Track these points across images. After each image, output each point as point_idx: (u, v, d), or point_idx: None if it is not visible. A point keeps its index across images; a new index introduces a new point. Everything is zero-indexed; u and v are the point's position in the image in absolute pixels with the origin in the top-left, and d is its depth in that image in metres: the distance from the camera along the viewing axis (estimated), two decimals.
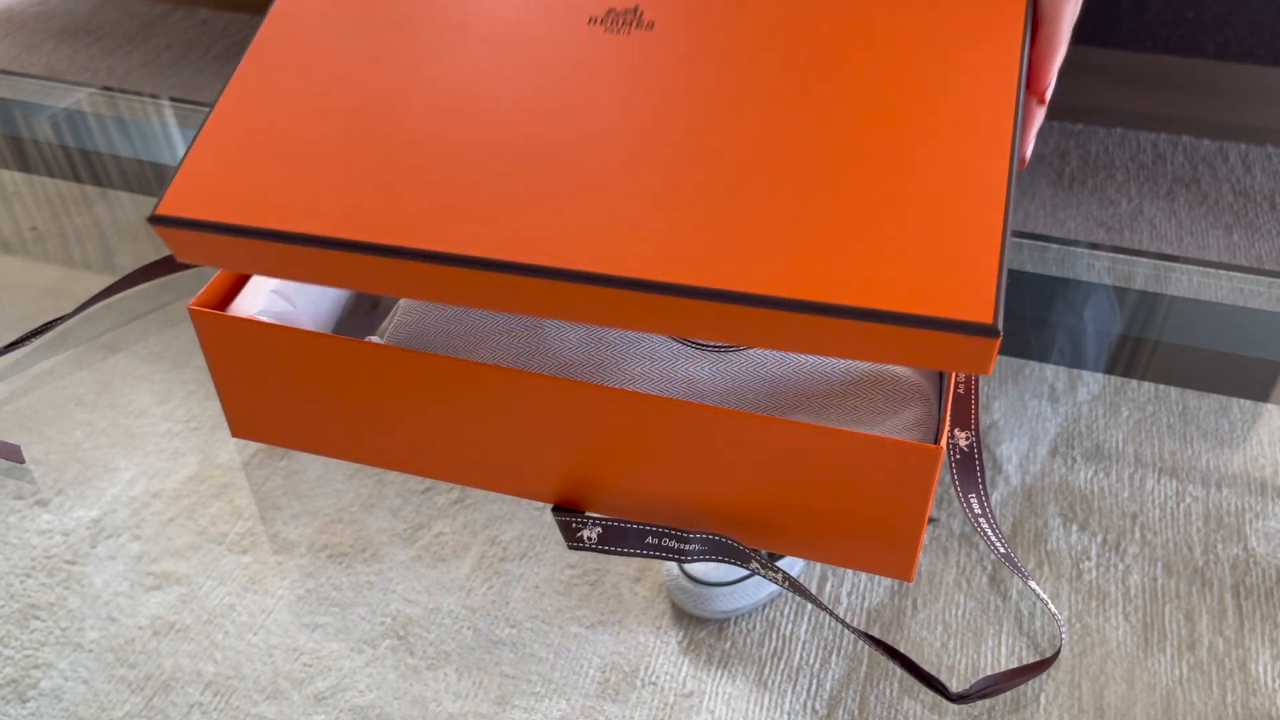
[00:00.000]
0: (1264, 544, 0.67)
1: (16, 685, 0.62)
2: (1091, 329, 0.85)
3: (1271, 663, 0.61)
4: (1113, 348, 0.84)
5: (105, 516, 0.71)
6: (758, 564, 0.57)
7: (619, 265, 0.44)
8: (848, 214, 0.44)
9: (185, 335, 0.83)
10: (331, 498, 0.71)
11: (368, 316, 0.69)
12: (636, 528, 0.58)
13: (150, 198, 0.98)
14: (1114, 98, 1.95)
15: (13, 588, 0.67)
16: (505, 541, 0.68)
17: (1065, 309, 0.87)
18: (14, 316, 0.84)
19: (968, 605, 0.64)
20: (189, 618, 0.65)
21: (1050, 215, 1.78)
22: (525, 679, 0.61)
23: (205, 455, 0.74)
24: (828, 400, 0.58)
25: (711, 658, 0.62)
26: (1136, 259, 0.90)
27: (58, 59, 2.26)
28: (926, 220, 0.43)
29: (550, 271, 0.45)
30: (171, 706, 0.60)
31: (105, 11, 2.42)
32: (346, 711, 0.60)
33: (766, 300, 0.43)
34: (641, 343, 0.58)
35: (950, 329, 0.41)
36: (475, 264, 0.46)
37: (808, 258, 0.43)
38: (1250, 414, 0.76)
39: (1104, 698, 0.60)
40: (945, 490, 0.69)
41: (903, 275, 0.42)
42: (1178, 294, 0.86)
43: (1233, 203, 1.79)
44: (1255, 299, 0.86)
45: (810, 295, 0.42)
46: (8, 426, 0.76)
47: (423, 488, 0.72)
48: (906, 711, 0.59)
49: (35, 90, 1.16)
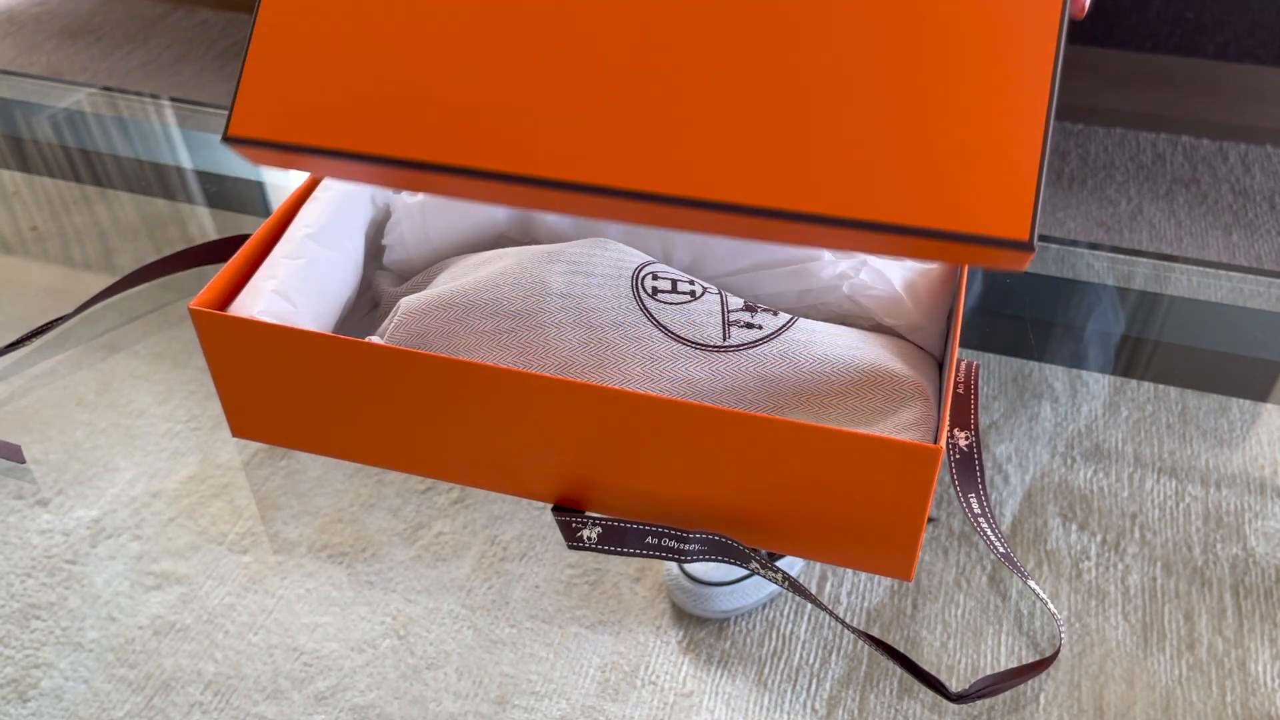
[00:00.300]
0: (1263, 544, 0.67)
1: (17, 685, 0.62)
2: (1095, 331, 0.85)
3: (1271, 662, 0.61)
4: (1113, 348, 0.84)
5: (105, 516, 0.71)
6: (757, 564, 0.57)
7: (676, 184, 0.46)
8: (887, 125, 0.44)
9: (185, 335, 0.83)
10: (331, 498, 0.71)
11: (368, 316, 0.69)
12: (636, 527, 0.58)
13: (151, 198, 0.98)
14: (1114, 98, 1.95)
15: (13, 587, 0.67)
16: (505, 541, 0.69)
17: (1065, 309, 0.87)
18: (14, 316, 0.84)
19: (967, 605, 0.64)
20: (189, 617, 0.65)
21: (1050, 215, 1.78)
22: (525, 679, 0.61)
23: (205, 455, 0.74)
24: (827, 400, 0.58)
25: (711, 657, 0.62)
26: (1136, 259, 0.90)
27: (58, 59, 2.26)
28: (966, 132, 0.44)
29: (619, 192, 0.46)
30: (172, 706, 0.60)
31: (105, 11, 2.42)
32: (347, 711, 0.60)
33: (808, 217, 0.44)
34: (641, 343, 0.59)
35: (987, 244, 0.43)
36: (527, 181, 0.48)
37: (846, 171, 0.44)
38: (1250, 414, 0.77)
39: (1103, 697, 0.60)
40: (945, 490, 0.69)
41: (942, 189, 0.43)
42: (1177, 294, 0.86)
43: (1232, 203, 1.79)
44: (1255, 299, 0.86)
45: (847, 212, 0.44)
46: (8, 426, 0.76)
47: (423, 488, 0.72)
48: (906, 711, 0.59)
49: (35, 90, 1.16)
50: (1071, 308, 0.87)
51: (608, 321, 0.59)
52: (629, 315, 0.59)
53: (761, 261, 0.64)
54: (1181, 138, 1.93)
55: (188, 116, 1.12)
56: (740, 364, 0.58)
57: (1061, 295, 0.87)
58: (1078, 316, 0.86)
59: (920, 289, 0.62)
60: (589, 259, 0.62)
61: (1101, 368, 0.81)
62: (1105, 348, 0.84)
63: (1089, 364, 0.81)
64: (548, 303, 0.59)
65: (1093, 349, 0.83)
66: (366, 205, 0.68)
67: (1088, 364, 0.81)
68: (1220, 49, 1.87)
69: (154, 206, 0.97)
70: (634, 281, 0.61)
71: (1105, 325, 0.86)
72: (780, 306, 0.64)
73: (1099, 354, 0.83)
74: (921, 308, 0.62)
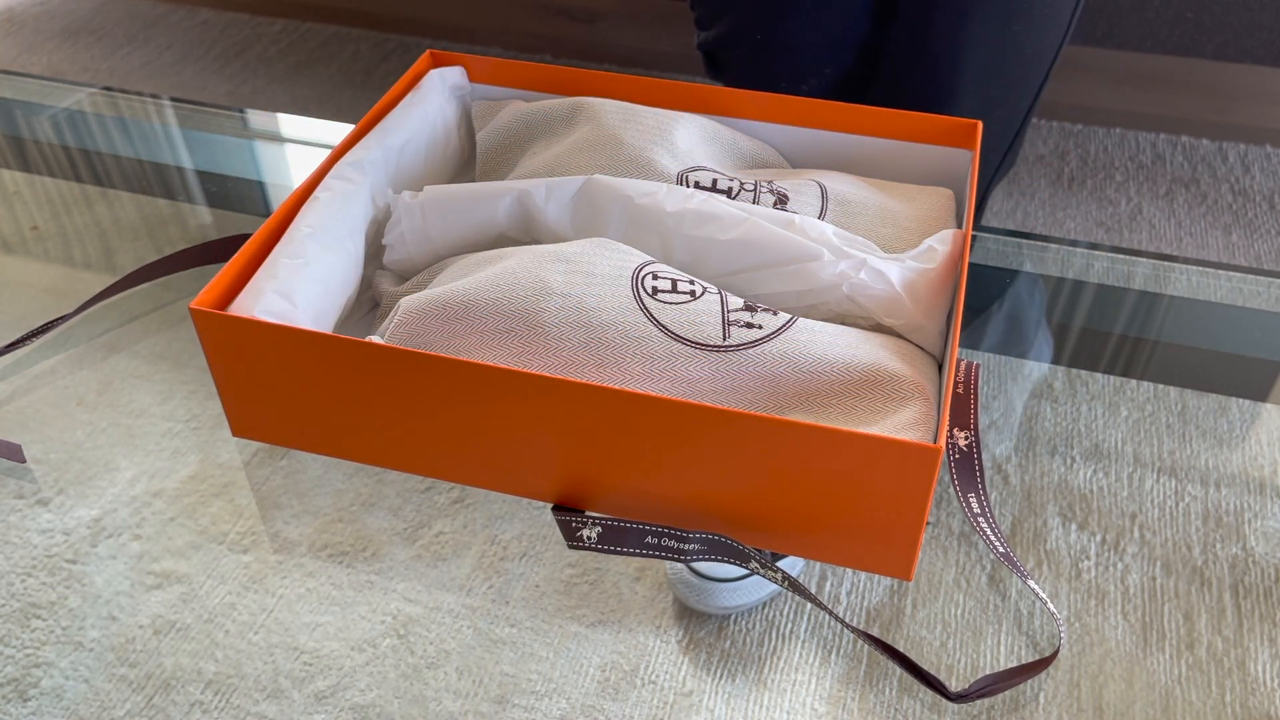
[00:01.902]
0: (1263, 544, 0.68)
1: (17, 684, 0.62)
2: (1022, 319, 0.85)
3: (1270, 662, 0.61)
4: (1112, 347, 0.84)
5: (106, 516, 0.71)
6: (757, 564, 0.57)
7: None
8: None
9: (185, 335, 0.83)
10: (331, 497, 0.71)
11: (368, 316, 0.69)
12: (636, 527, 0.58)
13: (151, 198, 0.98)
14: (1114, 98, 1.95)
15: (13, 587, 0.67)
16: (505, 541, 0.69)
17: (1065, 309, 0.87)
18: (14, 316, 0.84)
19: (967, 605, 0.64)
20: (190, 617, 0.65)
21: (1050, 215, 1.78)
22: (525, 678, 0.61)
23: (206, 455, 0.74)
24: (828, 400, 0.58)
25: (711, 657, 0.63)
26: (1136, 259, 0.90)
27: (59, 59, 2.26)
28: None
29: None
30: (172, 705, 0.60)
31: (106, 12, 2.43)
32: (347, 710, 0.60)
33: None
34: (641, 343, 0.59)
35: None
36: None
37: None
38: (1249, 414, 0.77)
39: (1103, 697, 0.60)
40: (945, 490, 0.69)
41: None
42: (1177, 294, 0.86)
43: (1231, 203, 1.79)
44: (1254, 299, 0.86)
45: None
46: (8, 426, 0.76)
47: (423, 487, 0.72)
48: (906, 711, 0.59)
49: (36, 90, 1.16)
50: (1072, 307, 0.87)
51: (608, 321, 0.59)
52: (629, 315, 0.59)
53: (761, 261, 0.64)
54: (1181, 138, 1.93)
55: (188, 116, 1.12)
56: (740, 364, 0.58)
57: (1062, 295, 0.87)
58: (1064, 315, 0.86)
59: (920, 289, 0.62)
60: (589, 259, 0.62)
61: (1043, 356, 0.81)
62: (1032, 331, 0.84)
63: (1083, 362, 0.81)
64: (548, 303, 0.59)
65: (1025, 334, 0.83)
66: (366, 205, 0.69)
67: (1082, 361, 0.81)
68: (1220, 49, 1.87)
69: (154, 206, 0.97)
70: (634, 281, 0.61)
71: (1027, 312, 0.86)
72: (780, 306, 0.64)
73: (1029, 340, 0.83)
74: (921, 308, 0.62)
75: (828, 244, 0.64)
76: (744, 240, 0.64)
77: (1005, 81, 0.96)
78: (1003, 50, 0.93)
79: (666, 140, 0.71)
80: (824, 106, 0.74)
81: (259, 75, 2.19)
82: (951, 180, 0.74)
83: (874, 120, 0.74)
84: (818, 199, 0.70)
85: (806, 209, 0.69)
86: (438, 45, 2.23)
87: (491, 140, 0.77)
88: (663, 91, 0.76)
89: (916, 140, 0.74)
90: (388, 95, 0.76)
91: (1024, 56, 0.94)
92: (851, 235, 0.65)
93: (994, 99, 0.96)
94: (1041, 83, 0.97)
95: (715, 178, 0.69)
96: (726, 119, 0.76)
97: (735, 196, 0.68)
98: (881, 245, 0.67)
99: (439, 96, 0.77)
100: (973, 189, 0.67)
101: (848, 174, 0.74)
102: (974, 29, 0.92)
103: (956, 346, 0.58)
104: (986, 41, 0.93)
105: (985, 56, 0.93)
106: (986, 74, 0.94)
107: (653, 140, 0.71)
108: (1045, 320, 0.85)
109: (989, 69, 0.94)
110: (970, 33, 0.92)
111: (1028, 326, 0.85)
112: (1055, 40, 0.95)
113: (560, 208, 0.67)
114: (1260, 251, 1.69)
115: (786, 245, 0.63)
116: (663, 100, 0.76)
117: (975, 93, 0.95)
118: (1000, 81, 0.96)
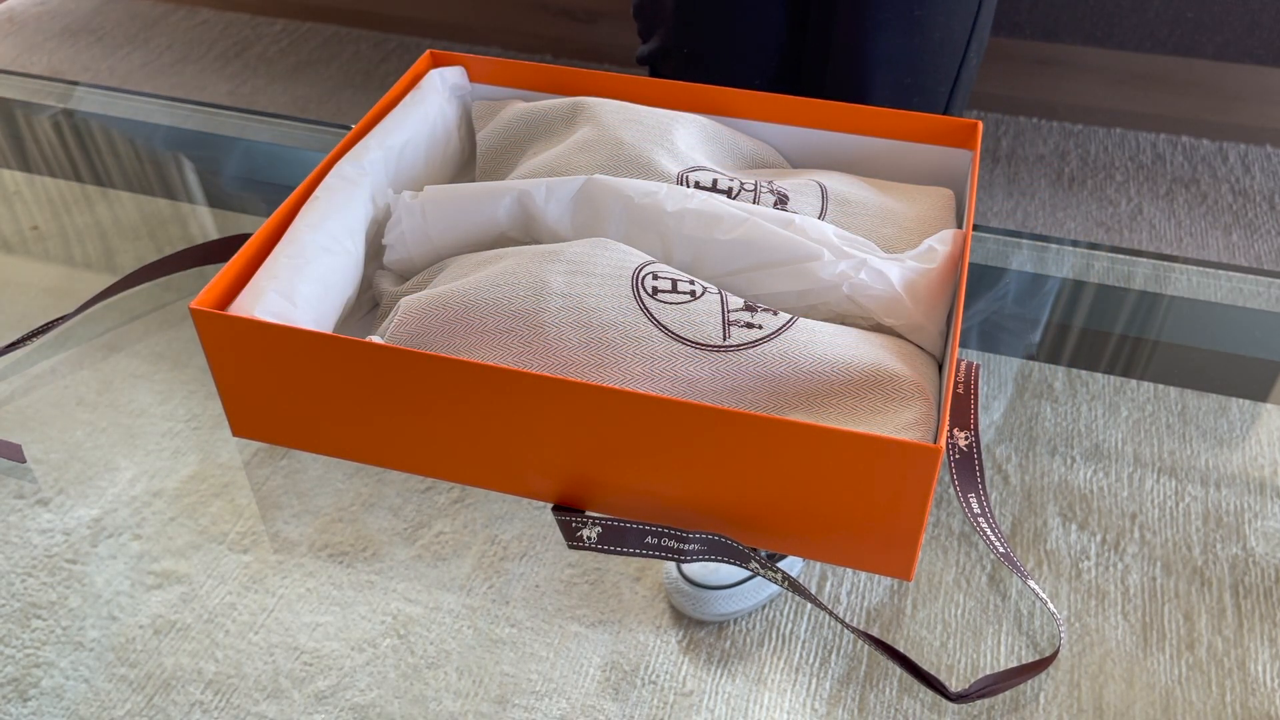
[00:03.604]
0: (1263, 544, 0.68)
1: (18, 684, 0.62)
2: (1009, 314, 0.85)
3: (1270, 662, 0.61)
4: (1112, 347, 0.84)
5: (106, 516, 0.71)
6: (757, 564, 0.57)
7: None
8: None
9: (185, 335, 0.83)
10: (331, 497, 0.71)
11: (368, 316, 0.69)
12: (636, 527, 0.58)
13: (151, 197, 0.98)
14: (1114, 98, 1.95)
15: (14, 587, 0.67)
16: (505, 541, 0.69)
17: (1066, 309, 0.87)
18: (14, 316, 0.84)
19: (967, 605, 0.64)
20: (190, 617, 0.65)
21: (1050, 215, 1.78)
22: (525, 678, 0.61)
23: (206, 454, 0.74)
24: (828, 400, 0.58)
25: (711, 657, 0.63)
26: (1136, 259, 0.90)
27: (59, 59, 2.26)
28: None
29: None
30: (172, 705, 0.61)
31: (106, 11, 2.42)
32: (347, 710, 0.60)
33: None
34: (642, 343, 0.59)
35: None
36: None
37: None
38: (1249, 414, 0.77)
39: (1103, 697, 0.60)
40: (945, 490, 0.69)
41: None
42: (1177, 294, 0.86)
43: (1232, 203, 1.79)
44: (1254, 299, 0.86)
45: None
46: (8, 426, 0.76)
47: (423, 487, 0.72)
48: (906, 711, 0.59)
49: (36, 90, 1.16)
50: (1072, 307, 0.87)
51: (608, 321, 0.59)
52: (629, 315, 0.59)
53: (761, 261, 0.64)
54: (1181, 138, 1.93)
55: (188, 116, 1.12)
56: (740, 364, 0.58)
57: (1063, 295, 0.87)
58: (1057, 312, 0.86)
59: (920, 289, 0.62)
60: (589, 259, 0.62)
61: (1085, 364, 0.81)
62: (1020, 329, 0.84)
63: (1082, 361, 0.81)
64: (548, 303, 0.59)
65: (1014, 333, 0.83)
66: (367, 205, 0.69)
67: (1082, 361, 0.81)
68: (1220, 49, 1.87)
69: (154, 206, 0.97)
70: (634, 281, 0.61)
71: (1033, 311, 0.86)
72: (780, 306, 0.64)
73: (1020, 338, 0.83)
74: (921, 308, 0.62)
75: (828, 244, 0.64)
76: (744, 240, 0.64)
77: (917, 68, 0.96)
78: (909, 36, 0.94)
79: (666, 140, 0.71)
80: (824, 106, 0.74)
81: (259, 75, 2.19)
82: (951, 180, 0.74)
83: (874, 120, 0.74)
84: (818, 199, 0.70)
85: (806, 209, 0.69)
86: (438, 45, 2.23)
87: (491, 140, 0.77)
88: (663, 91, 0.76)
89: (916, 140, 0.74)
90: (388, 95, 0.76)
91: (932, 41, 0.95)
92: (852, 235, 0.65)
93: (908, 86, 0.97)
94: (958, 70, 0.97)
95: (715, 178, 0.69)
96: (726, 119, 0.76)
97: (735, 196, 0.68)
98: (882, 245, 0.67)
99: (439, 96, 0.77)
100: (973, 189, 0.67)
101: (848, 174, 0.74)
102: (877, 17, 0.93)
103: (956, 346, 0.58)
104: (891, 28, 0.93)
105: (891, 44, 0.94)
106: (895, 61, 0.95)
107: (653, 140, 0.71)
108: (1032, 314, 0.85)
109: (896, 57, 0.95)
110: (874, 21, 0.93)
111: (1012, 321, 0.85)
112: (964, 25, 0.95)
113: (560, 208, 0.67)
114: (1260, 251, 1.69)
115: (786, 245, 0.63)
116: (663, 100, 0.76)
117: (887, 80, 0.96)
118: (910, 68, 0.96)
